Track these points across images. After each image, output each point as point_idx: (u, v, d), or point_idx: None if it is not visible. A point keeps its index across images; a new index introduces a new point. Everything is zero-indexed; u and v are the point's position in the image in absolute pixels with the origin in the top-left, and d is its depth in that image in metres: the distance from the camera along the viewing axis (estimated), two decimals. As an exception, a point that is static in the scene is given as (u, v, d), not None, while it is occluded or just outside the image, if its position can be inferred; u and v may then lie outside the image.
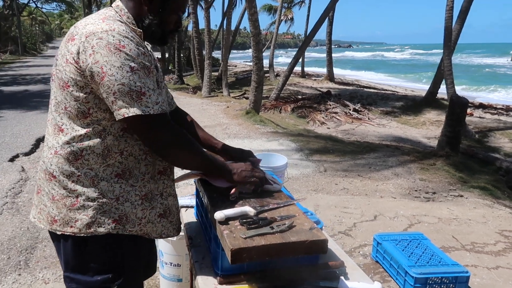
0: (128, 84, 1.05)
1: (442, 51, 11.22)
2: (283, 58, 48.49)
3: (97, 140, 1.13)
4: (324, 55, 21.21)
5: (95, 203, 1.15)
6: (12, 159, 5.05)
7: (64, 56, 1.11)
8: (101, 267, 1.20)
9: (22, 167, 4.73)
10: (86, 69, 1.06)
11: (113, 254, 1.21)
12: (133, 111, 1.07)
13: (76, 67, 1.08)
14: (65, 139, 1.14)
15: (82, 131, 1.13)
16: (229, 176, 1.29)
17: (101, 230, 1.16)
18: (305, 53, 20.61)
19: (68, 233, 1.16)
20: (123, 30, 1.10)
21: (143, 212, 1.22)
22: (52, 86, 1.18)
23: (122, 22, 1.14)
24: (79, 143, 1.13)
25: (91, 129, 1.13)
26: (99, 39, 1.05)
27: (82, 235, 1.16)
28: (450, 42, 10.68)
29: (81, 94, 1.10)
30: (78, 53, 1.07)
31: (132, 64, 1.06)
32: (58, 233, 1.17)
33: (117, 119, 1.10)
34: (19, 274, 2.57)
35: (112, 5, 1.22)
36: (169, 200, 1.28)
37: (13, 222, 3.26)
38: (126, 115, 1.07)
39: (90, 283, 1.20)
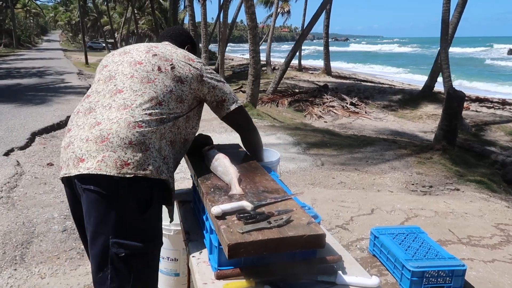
0: None
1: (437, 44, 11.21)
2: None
3: (180, 117, 1.45)
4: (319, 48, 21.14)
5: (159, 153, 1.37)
6: (7, 153, 4.99)
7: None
8: (147, 233, 1.34)
9: (17, 162, 4.69)
10: None
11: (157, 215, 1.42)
12: None
13: None
14: (160, 111, 1.38)
15: (177, 110, 1.43)
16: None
17: (164, 176, 1.36)
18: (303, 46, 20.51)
19: (141, 175, 1.28)
20: None
21: (173, 173, 1.46)
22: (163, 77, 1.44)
23: None
24: (171, 115, 1.42)
25: (182, 109, 1.45)
26: None
27: (153, 177, 1.31)
28: (447, 36, 10.65)
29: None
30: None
31: None
32: (128, 175, 1.26)
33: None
34: (15, 269, 2.56)
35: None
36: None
37: (9, 217, 3.24)
38: None
39: (138, 248, 1.30)
